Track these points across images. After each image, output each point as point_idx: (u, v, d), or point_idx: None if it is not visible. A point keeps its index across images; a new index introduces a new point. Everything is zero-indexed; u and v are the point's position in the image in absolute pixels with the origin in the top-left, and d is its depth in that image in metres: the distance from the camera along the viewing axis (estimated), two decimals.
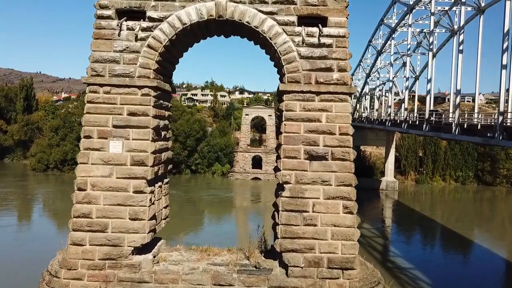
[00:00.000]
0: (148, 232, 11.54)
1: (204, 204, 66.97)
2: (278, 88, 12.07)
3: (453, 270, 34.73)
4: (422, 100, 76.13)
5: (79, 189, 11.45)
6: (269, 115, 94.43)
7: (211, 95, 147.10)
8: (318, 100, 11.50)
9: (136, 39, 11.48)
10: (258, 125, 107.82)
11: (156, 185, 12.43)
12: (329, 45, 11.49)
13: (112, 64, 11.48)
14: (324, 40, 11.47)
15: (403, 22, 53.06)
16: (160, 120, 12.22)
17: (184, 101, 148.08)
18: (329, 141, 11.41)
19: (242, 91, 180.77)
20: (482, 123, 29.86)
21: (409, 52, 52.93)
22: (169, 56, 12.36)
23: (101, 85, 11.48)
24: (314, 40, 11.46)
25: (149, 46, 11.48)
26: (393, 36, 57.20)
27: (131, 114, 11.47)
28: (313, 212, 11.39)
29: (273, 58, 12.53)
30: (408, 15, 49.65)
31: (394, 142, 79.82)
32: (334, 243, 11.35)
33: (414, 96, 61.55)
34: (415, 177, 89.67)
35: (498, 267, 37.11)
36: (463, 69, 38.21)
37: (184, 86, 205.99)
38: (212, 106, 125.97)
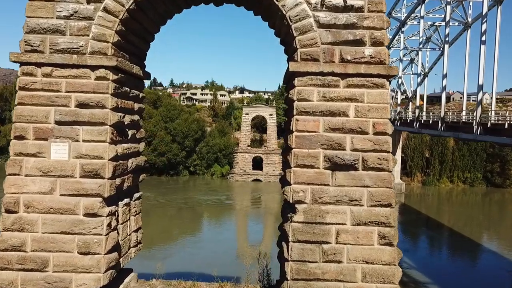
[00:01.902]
0: (106, 271, 8.22)
1: (202, 208, 64.02)
2: (287, 70, 8.75)
3: (461, 275, 33.36)
4: (426, 99, 72.86)
5: (8, 211, 8.13)
6: (270, 115, 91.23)
7: (210, 94, 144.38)
8: (344, 85, 8.17)
9: (89, 1, 8.16)
10: (259, 125, 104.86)
11: (120, 203, 9.12)
12: (359, 9, 8.16)
13: (55, 36, 8.16)
14: (351, 1, 8.15)
15: (413, 14, 49.71)
16: (124, 115, 8.90)
17: (183, 100, 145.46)
18: (360, 143, 8.09)
19: (242, 90, 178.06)
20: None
21: (420, 46, 49.57)
22: (137, 28, 9.04)
23: (39, 65, 8.16)
24: (338, 1, 8.13)
25: (106, 10, 8.15)
26: (402, 29, 53.80)
27: (81, 105, 8.16)
28: (337, 243, 8.07)
29: (280, 30, 9.20)
30: (420, 6, 46.28)
31: (400, 143, 76.61)
32: (367, 286, 8.03)
33: (420, 94, 58.30)
34: (421, 178, 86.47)
35: (508, 272, 35.06)
36: (470, 66, 35.03)
37: (184, 86, 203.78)
38: (211, 106, 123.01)
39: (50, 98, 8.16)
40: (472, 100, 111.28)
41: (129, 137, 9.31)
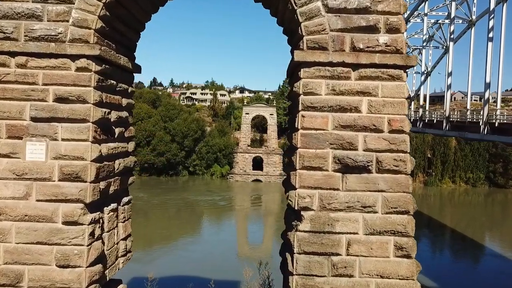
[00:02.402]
0: (88, 286, 7.30)
1: (201, 209, 63.20)
2: (291, 60, 7.83)
3: (462, 276, 33.01)
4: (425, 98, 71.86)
5: None
6: (270, 114, 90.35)
7: (210, 94, 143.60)
8: (356, 77, 7.25)
9: None
10: (259, 124, 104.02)
11: (106, 209, 8.20)
12: None
13: (30, 21, 7.25)
14: None
15: (416, 12, 48.80)
16: (110, 111, 7.98)
17: (183, 100, 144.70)
18: (374, 142, 7.18)
19: (242, 90, 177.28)
20: None
21: (424, 44, 48.66)
22: (124, 14, 8.12)
23: (13, 54, 7.24)
24: None
25: None
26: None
27: (60, 99, 7.25)
28: (348, 255, 7.15)
29: (284, 16, 8.29)
30: (423, 4, 45.34)
31: None
32: None
33: (419, 93, 57.50)
34: (423, 179, 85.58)
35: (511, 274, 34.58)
36: (474, 64, 34.11)
37: (184, 85, 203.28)
38: (211, 106, 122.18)
39: (25, 91, 7.24)
40: (474, 100, 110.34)
41: (116, 136, 8.40)
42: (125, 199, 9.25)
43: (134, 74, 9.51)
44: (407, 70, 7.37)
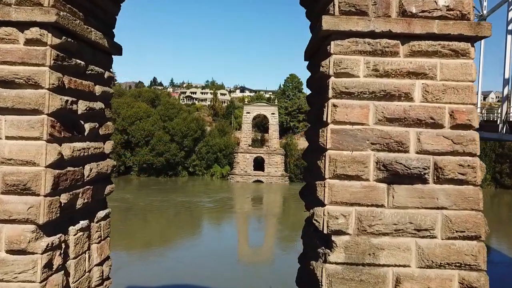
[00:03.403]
0: None
1: (200, 211, 61.40)
2: (314, 35, 5.88)
3: None
4: None
5: None
6: (271, 113, 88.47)
7: (210, 93, 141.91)
8: (406, 52, 5.32)
9: None
10: (260, 124, 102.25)
11: (72, 228, 6.26)
12: None
13: None
14: None
15: None
16: (77, 100, 6.05)
17: (183, 99, 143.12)
18: (431, 141, 5.24)
19: (243, 89, 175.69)
20: None
21: None
22: None
23: None
24: None
25: None
26: None
27: (3, 83, 5.32)
28: None
29: None
30: None
31: None
32: None
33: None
34: None
35: None
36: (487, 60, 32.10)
37: (184, 85, 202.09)
38: (211, 105, 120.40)
39: None
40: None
41: (85, 133, 6.46)
42: (101, 214, 7.30)
43: (113, 56, 7.57)
44: (474, 44, 5.42)
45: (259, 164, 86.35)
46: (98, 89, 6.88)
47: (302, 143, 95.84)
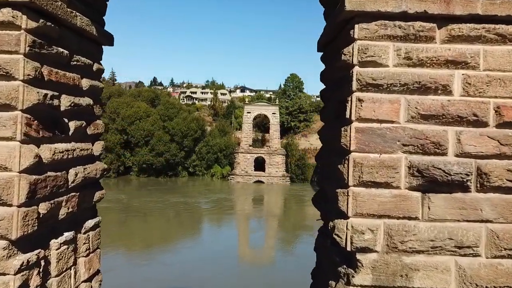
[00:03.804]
0: None
1: (200, 212, 60.69)
2: (336, 12, 5.06)
3: None
4: None
5: None
6: (272, 113, 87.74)
7: (211, 93, 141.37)
8: (444, 37, 4.52)
9: None
10: (260, 124, 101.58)
11: (54, 242, 5.46)
12: None
13: None
14: None
15: None
16: (59, 94, 5.25)
17: (183, 99, 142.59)
18: (473, 142, 4.44)
19: (243, 89, 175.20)
20: None
21: None
22: None
23: None
24: None
25: None
26: None
27: None
28: None
29: None
30: None
31: None
32: None
33: None
34: None
35: None
36: None
37: (184, 85, 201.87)
38: (212, 105, 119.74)
39: None
40: None
41: (70, 132, 5.66)
42: (90, 223, 6.50)
43: (103, 46, 6.77)
44: None
45: (259, 165, 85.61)
46: (85, 83, 6.07)
47: (303, 143, 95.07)
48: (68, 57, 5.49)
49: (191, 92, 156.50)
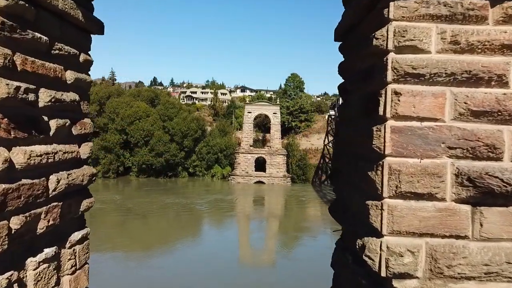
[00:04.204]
0: None
1: (200, 213, 59.94)
2: None
3: None
4: None
5: None
6: (273, 113, 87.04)
7: (211, 93, 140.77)
8: (498, 17, 3.73)
9: None
10: (261, 124, 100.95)
11: (32, 260, 4.67)
12: None
13: None
14: None
15: None
16: (36, 88, 4.47)
17: (183, 99, 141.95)
18: None
19: (243, 89, 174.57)
20: None
21: None
22: None
23: None
24: None
25: None
26: None
27: None
28: None
29: None
30: None
31: None
32: None
33: None
34: None
35: None
36: None
37: (184, 85, 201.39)
38: (212, 105, 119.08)
39: None
40: None
41: (51, 133, 4.87)
42: (76, 236, 5.70)
43: (92, 35, 5.98)
44: None
45: (260, 165, 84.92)
46: (70, 76, 5.28)
47: (304, 143, 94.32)
48: (47, 44, 4.70)
49: (191, 92, 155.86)
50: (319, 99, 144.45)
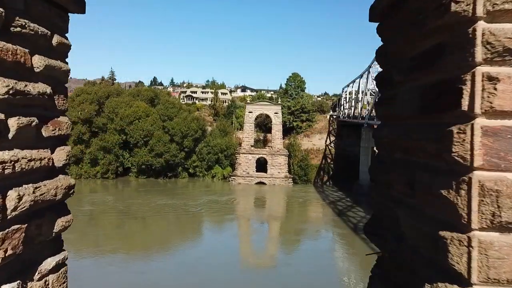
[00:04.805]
0: None
1: (200, 214, 58.89)
2: None
3: None
4: None
5: None
6: (275, 113, 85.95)
7: (211, 93, 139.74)
8: None
9: None
10: (262, 124, 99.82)
11: None
12: None
13: None
14: None
15: None
16: None
17: (183, 99, 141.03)
18: None
19: (244, 89, 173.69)
20: None
21: None
22: None
23: None
24: None
25: None
26: None
27: None
28: None
29: None
30: None
31: None
32: None
33: None
34: None
35: None
36: None
37: (184, 85, 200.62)
38: (212, 104, 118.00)
39: None
40: None
41: (10, 135, 3.73)
42: (49, 264, 4.56)
43: (69, 14, 4.84)
44: None
45: (261, 165, 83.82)
46: (38, 62, 4.14)
47: (305, 143, 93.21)
48: (3, 18, 3.56)
49: (192, 92, 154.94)
50: (319, 99, 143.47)
